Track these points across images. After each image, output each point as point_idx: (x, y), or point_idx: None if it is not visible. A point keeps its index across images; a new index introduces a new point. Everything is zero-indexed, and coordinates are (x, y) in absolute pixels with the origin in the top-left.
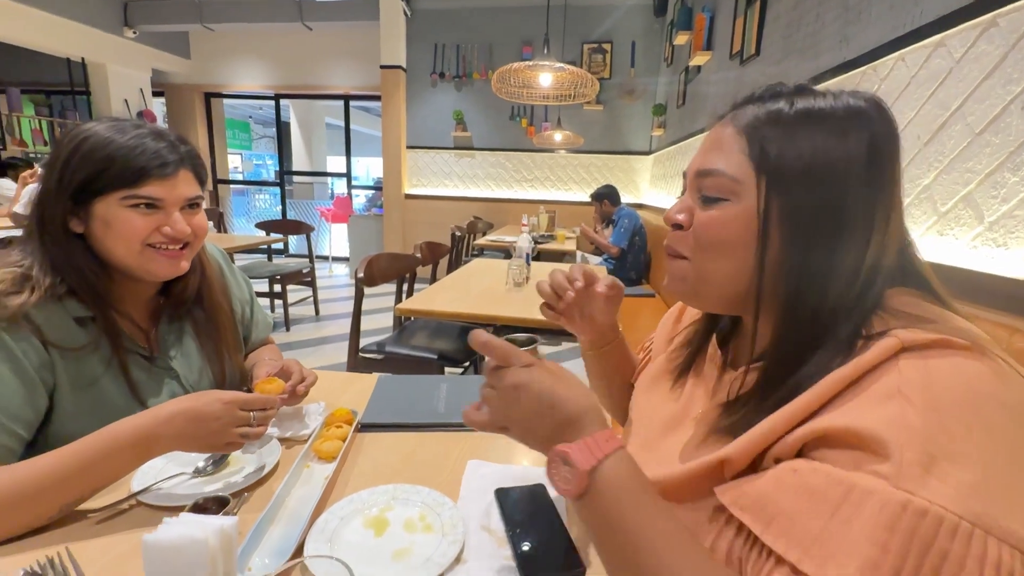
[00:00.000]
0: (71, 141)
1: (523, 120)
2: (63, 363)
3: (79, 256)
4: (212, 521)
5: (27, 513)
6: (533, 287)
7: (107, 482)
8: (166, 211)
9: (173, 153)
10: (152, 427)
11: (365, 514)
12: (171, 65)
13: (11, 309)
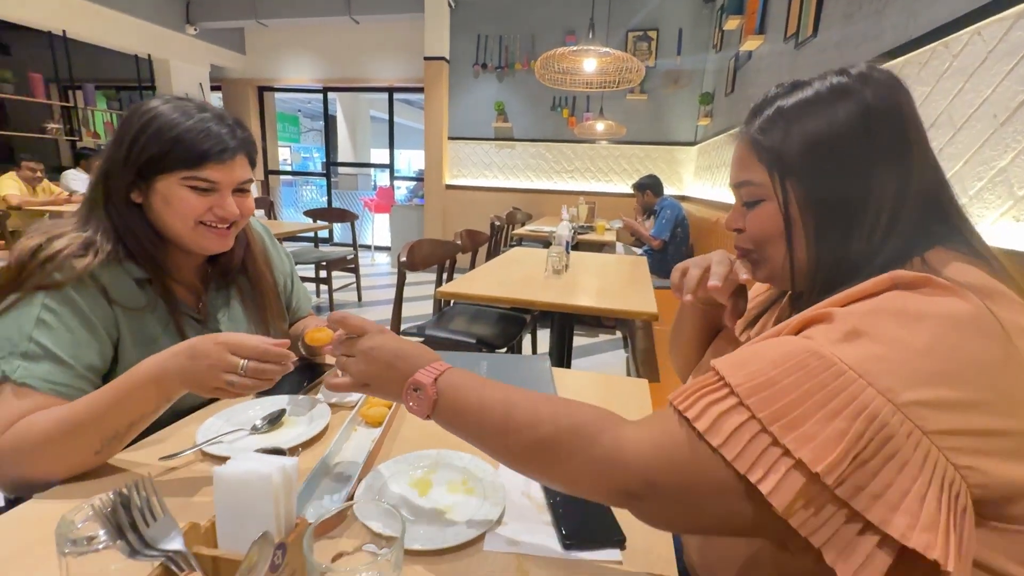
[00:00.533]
0: (139, 119)
1: (564, 111)
2: (126, 320)
3: (138, 225)
4: (275, 460)
5: (74, 445)
6: (572, 275)
7: (136, 417)
8: (220, 193)
9: (232, 139)
10: (163, 361)
11: (410, 475)
12: (228, 60)
13: (78, 269)
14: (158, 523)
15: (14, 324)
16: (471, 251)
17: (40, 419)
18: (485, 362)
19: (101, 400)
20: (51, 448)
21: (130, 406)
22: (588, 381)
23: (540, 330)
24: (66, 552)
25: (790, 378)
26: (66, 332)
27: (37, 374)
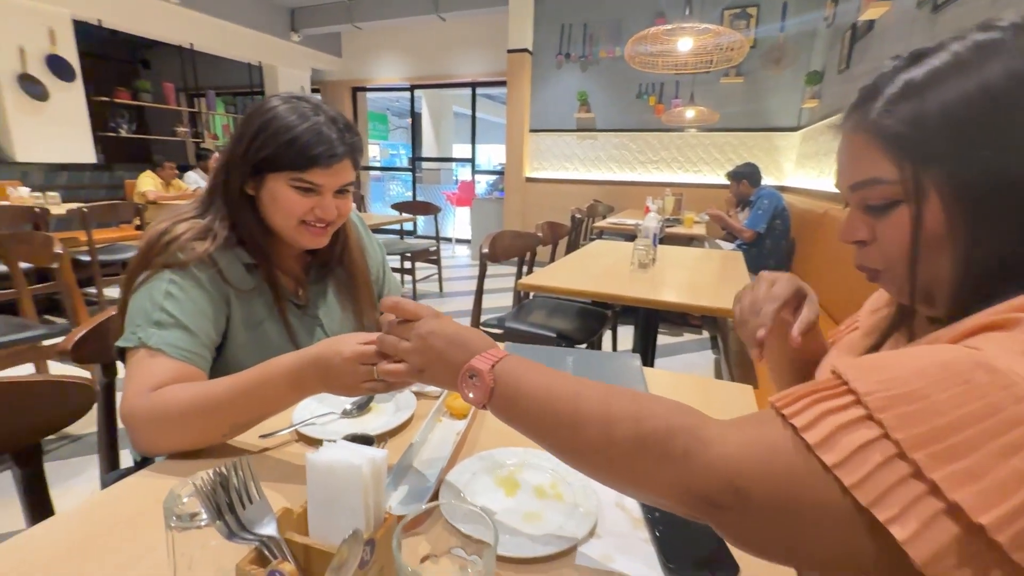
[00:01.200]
0: (260, 117)
1: (651, 98)
2: (236, 301)
3: (249, 216)
4: (366, 450)
5: (205, 425)
6: (659, 269)
7: (269, 408)
8: (322, 195)
9: (341, 144)
10: (299, 367)
11: (496, 473)
12: (326, 64)
13: (199, 251)
14: (254, 506)
15: (146, 297)
16: (551, 244)
17: (181, 394)
18: (571, 357)
19: (239, 388)
20: (186, 424)
21: (265, 397)
22: (682, 384)
23: (621, 326)
24: (172, 526)
25: (946, 393)
26: (190, 303)
27: (168, 340)
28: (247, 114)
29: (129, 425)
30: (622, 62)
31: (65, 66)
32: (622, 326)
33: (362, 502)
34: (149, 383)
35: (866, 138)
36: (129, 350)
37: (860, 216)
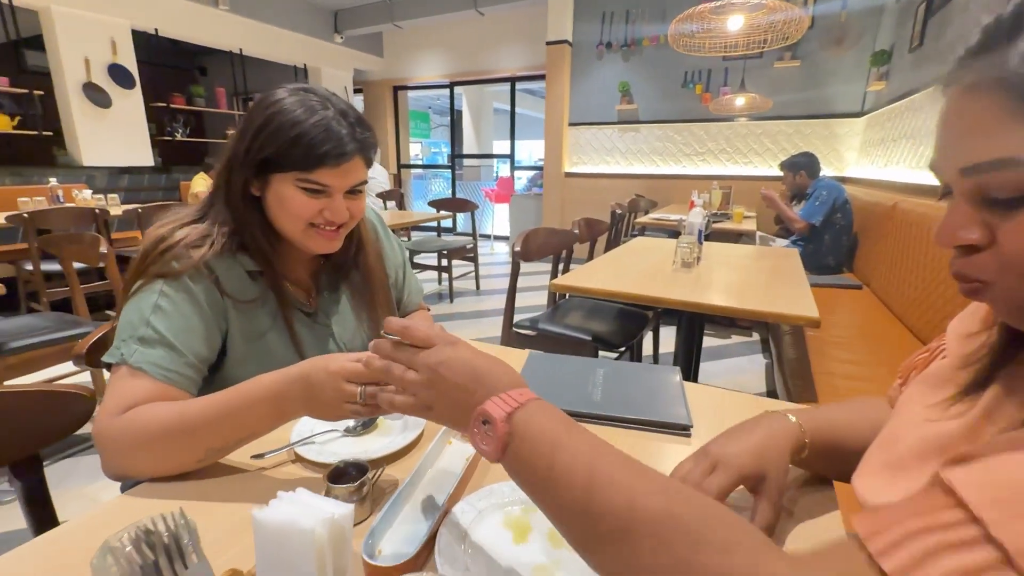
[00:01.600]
0: (262, 112)
1: (698, 86)
2: (235, 312)
3: (254, 218)
4: (325, 508)
5: (177, 449)
6: (705, 268)
7: (248, 433)
8: (331, 196)
9: (351, 142)
10: (281, 387)
11: (506, 511)
12: (368, 64)
13: (194, 259)
14: (189, 571)
15: (135, 309)
16: (589, 241)
17: (153, 415)
18: (602, 370)
19: (215, 410)
20: (157, 447)
21: (244, 421)
22: (730, 404)
23: (663, 327)
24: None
25: None
26: (180, 319)
27: (151, 359)
28: (251, 108)
29: (98, 446)
30: (667, 49)
31: (125, 74)
32: (665, 327)
33: (315, 572)
34: (123, 404)
35: (996, 99)
36: (113, 366)
37: (973, 211)
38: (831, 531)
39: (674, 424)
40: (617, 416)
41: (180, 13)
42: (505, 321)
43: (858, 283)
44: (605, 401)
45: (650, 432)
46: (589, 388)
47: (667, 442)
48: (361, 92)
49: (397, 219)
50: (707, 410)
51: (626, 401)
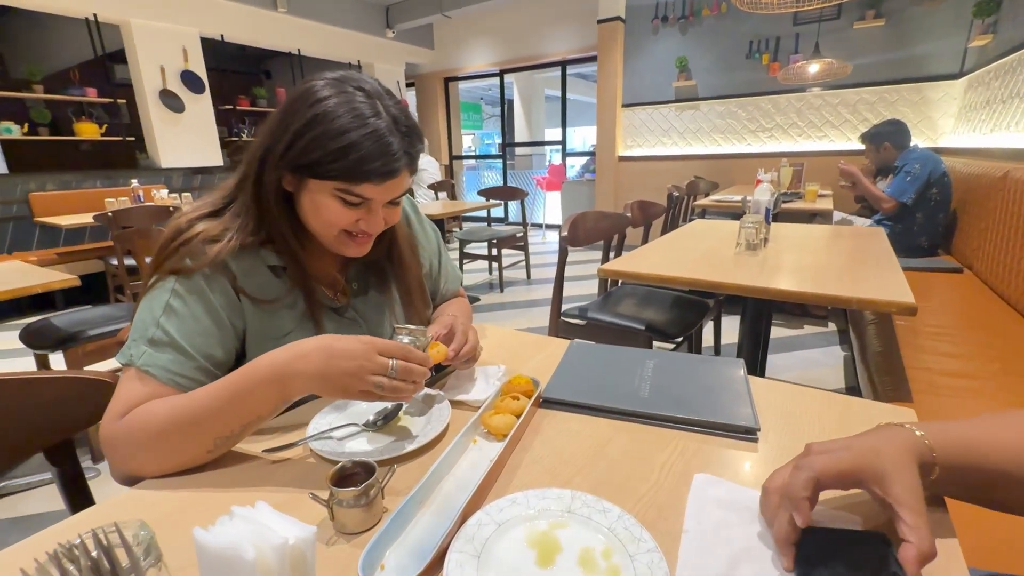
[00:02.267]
0: (306, 111)
1: (764, 56)
2: (255, 311)
3: (283, 214)
4: (279, 531)
5: (187, 443)
6: (772, 250)
7: (253, 417)
8: (370, 208)
9: (402, 156)
10: (289, 362)
11: (530, 525)
12: (419, 57)
13: (210, 256)
14: None
15: (148, 308)
16: (643, 225)
17: (155, 409)
18: (652, 361)
19: (217, 397)
20: (165, 442)
21: (246, 406)
22: (806, 401)
23: (726, 317)
24: None
25: None
26: (191, 321)
27: (159, 362)
28: (290, 99)
29: (105, 451)
30: (729, 18)
31: (196, 80)
32: (728, 317)
33: None
34: (127, 407)
35: None
36: (124, 366)
37: None
38: (952, 564)
39: (737, 427)
40: (667, 416)
41: (242, 18)
42: (553, 310)
43: (958, 266)
44: (655, 398)
45: (708, 435)
46: (636, 383)
47: (728, 448)
48: (413, 86)
49: (447, 208)
50: (777, 409)
51: (680, 398)
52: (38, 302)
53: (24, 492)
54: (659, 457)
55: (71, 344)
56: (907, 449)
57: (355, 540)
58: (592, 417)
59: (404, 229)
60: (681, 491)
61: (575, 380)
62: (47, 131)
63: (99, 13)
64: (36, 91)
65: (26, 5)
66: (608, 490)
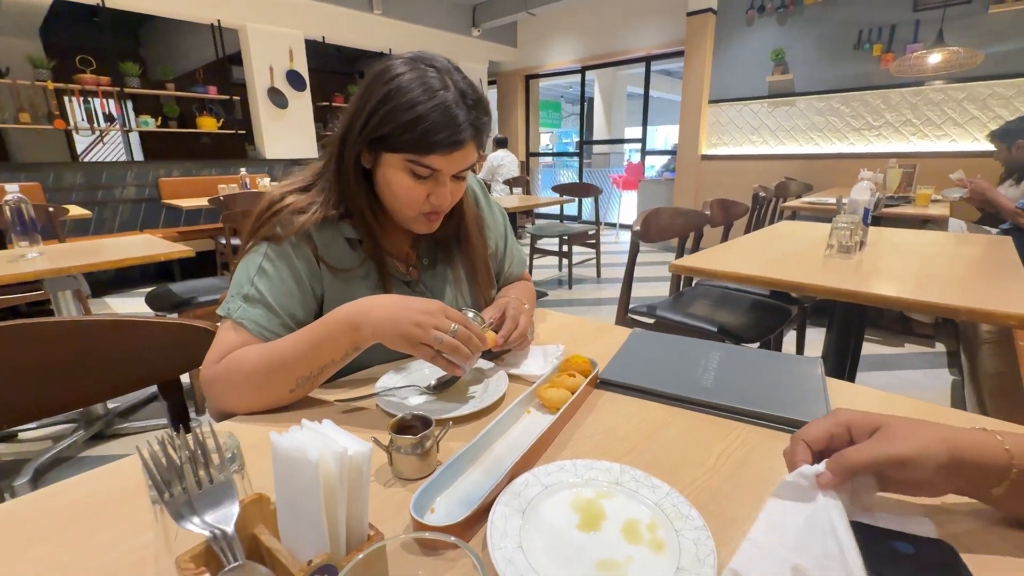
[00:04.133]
0: (382, 87)
1: (876, 46)
2: (332, 279)
3: (361, 189)
4: (340, 441)
5: (272, 383)
6: (869, 255)
7: (328, 361)
8: (439, 180)
9: (467, 128)
10: (365, 309)
11: (576, 492)
12: (502, 55)
13: (296, 225)
14: (215, 487)
15: (244, 269)
16: (723, 225)
17: (248, 354)
18: (718, 353)
19: (299, 342)
20: (254, 382)
21: (323, 350)
22: (896, 410)
23: (811, 328)
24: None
25: None
26: (279, 282)
27: (251, 316)
28: (368, 79)
29: (204, 390)
30: (837, 6)
31: (299, 79)
32: (813, 328)
33: (322, 512)
34: (223, 353)
35: None
36: (222, 318)
37: None
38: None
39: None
40: (730, 406)
41: (343, 20)
42: (620, 306)
43: None
44: (718, 388)
45: (774, 430)
46: (699, 372)
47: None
48: (495, 83)
49: (521, 202)
50: (850, 407)
51: (745, 391)
52: (160, 273)
53: (139, 433)
54: (718, 446)
55: (184, 308)
56: (975, 445)
57: (410, 485)
58: (649, 401)
59: (472, 208)
60: (738, 479)
61: (634, 364)
62: (175, 124)
63: (222, 19)
64: (168, 89)
65: (163, 13)
66: (659, 472)
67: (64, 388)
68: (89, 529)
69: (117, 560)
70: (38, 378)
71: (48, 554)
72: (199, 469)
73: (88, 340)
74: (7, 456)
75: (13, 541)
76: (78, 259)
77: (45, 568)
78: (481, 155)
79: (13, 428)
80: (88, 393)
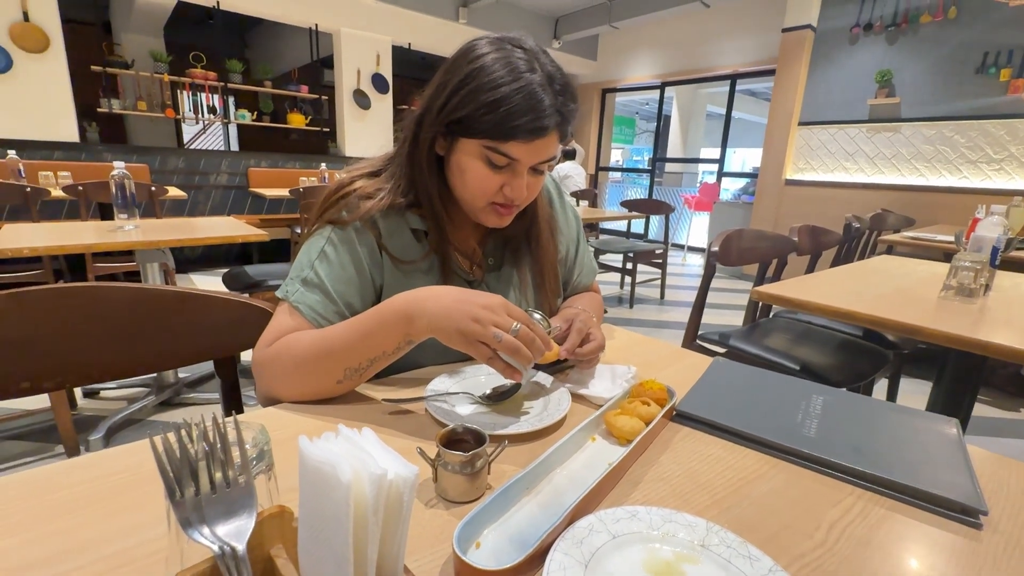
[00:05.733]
0: (465, 66)
1: (1004, 71)
2: (393, 269)
3: (432, 178)
4: (380, 461)
5: (319, 372)
6: (994, 302)
7: (379, 352)
8: (516, 171)
9: (554, 114)
10: (420, 299)
11: (651, 548)
12: (581, 68)
13: (362, 211)
14: (231, 491)
15: (306, 251)
16: (810, 254)
17: (299, 339)
18: (821, 397)
19: (349, 331)
20: (302, 369)
21: (374, 341)
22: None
23: (906, 379)
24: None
25: None
26: (339, 268)
27: (307, 301)
28: (452, 58)
29: (253, 372)
30: (958, 25)
31: (383, 82)
32: (908, 379)
33: (349, 546)
34: (276, 337)
35: None
36: (280, 300)
37: None
38: None
39: (951, 502)
40: (845, 465)
41: (429, 28)
42: (688, 330)
43: None
44: (825, 440)
45: (902, 503)
46: (799, 416)
47: (935, 526)
48: None
49: (587, 215)
50: (1011, 492)
51: (861, 448)
52: (242, 256)
53: (204, 404)
54: (829, 513)
55: (256, 290)
56: None
57: (455, 509)
58: (736, 445)
59: (546, 209)
60: (858, 563)
61: (718, 399)
62: (268, 119)
63: (319, 23)
64: (266, 87)
65: (269, 16)
66: (754, 537)
67: (128, 353)
68: (115, 507)
69: (132, 550)
70: (105, 341)
71: (71, 528)
72: (216, 469)
73: (151, 309)
74: (88, 411)
75: (44, 507)
76: (166, 234)
77: (63, 546)
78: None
79: (95, 385)
80: (150, 360)
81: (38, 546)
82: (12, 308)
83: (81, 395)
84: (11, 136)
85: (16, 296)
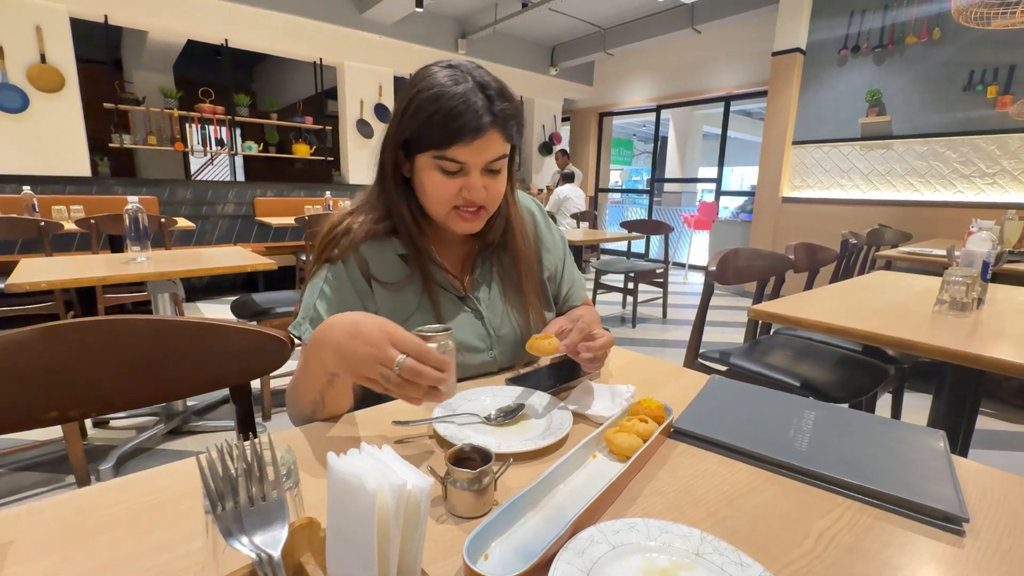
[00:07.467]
0: (409, 91)
1: (991, 88)
2: (384, 294)
3: (403, 201)
4: (400, 473)
5: (299, 402)
6: (990, 315)
7: (318, 385)
8: (468, 174)
9: (487, 114)
10: (325, 329)
11: (649, 557)
12: (578, 93)
13: (346, 245)
14: (267, 504)
15: (309, 291)
16: (807, 271)
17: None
18: (813, 412)
19: (297, 366)
20: (289, 400)
21: (308, 372)
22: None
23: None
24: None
25: None
26: (336, 305)
27: None
28: (401, 92)
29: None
30: (942, 47)
31: (385, 111)
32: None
33: (374, 548)
34: None
35: None
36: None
37: None
38: None
39: (934, 510)
40: (834, 477)
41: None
42: (689, 349)
43: None
44: (816, 454)
45: (888, 512)
46: (791, 431)
47: (919, 534)
48: (568, 120)
49: (587, 236)
50: (993, 501)
51: (850, 460)
52: (247, 283)
53: (211, 432)
54: (818, 523)
55: (263, 317)
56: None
57: (464, 524)
58: (730, 460)
59: (520, 221)
60: (844, 569)
61: (714, 416)
62: (274, 149)
63: (324, 57)
64: (272, 119)
65: (275, 52)
66: (746, 546)
67: (148, 383)
68: (147, 526)
69: (168, 564)
70: (126, 371)
71: (108, 545)
72: (253, 484)
73: (172, 339)
74: (98, 440)
75: (83, 527)
76: (178, 265)
77: (102, 561)
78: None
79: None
80: (168, 389)
81: (79, 563)
82: (41, 341)
83: (91, 425)
84: (26, 172)
85: (46, 331)
